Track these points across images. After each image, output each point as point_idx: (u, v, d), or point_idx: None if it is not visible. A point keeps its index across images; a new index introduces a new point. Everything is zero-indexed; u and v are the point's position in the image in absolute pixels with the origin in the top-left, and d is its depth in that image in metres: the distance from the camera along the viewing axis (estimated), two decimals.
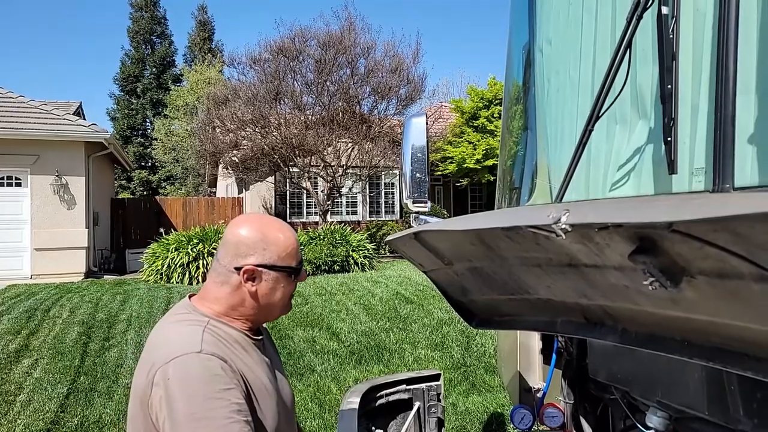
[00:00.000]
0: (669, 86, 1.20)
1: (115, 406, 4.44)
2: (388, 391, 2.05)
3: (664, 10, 1.20)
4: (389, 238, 1.48)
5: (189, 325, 1.22)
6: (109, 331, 6.82)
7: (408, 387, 2.07)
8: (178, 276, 10.67)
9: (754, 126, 1.09)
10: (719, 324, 0.94)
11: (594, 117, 1.29)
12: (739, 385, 1.18)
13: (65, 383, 4.98)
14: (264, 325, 1.48)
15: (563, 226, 0.92)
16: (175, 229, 14.00)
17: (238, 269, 1.23)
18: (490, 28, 63.15)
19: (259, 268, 1.23)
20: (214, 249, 10.96)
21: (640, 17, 1.22)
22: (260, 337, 1.34)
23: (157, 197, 19.92)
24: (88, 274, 12.15)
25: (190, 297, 1.33)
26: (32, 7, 55.14)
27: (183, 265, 10.74)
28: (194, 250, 10.87)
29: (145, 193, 33.29)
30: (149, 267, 11.11)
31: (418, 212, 1.99)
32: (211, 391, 1.10)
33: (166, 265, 10.77)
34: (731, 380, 1.19)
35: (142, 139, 35.32)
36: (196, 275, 10.64)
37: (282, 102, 14.35)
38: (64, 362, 5.58)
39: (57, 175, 11.56)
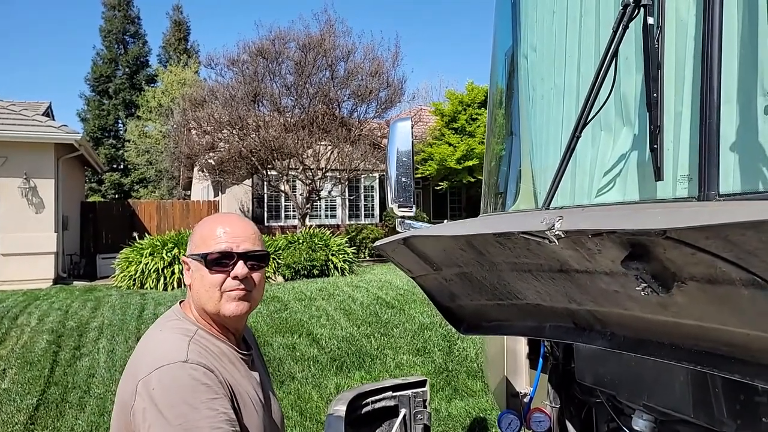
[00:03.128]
0: (654, 95, 1.22)
1: (88, 418, 4.32)
2: (374, 398, 2.03)
3: (650, 20, 1.22)
4: (378, 243, 1.47)
5: (176, 334, 1.20)
6: (79, 340, 6.63)
7: (394, 394, 2.06)
8: (153, 282, 10.45)
9: (737, 135, 1.12)
10: (708, 328, 0.96)
11: (581, 124, 1.31)
12: (723, 388, 1.20)
13: (35, 394, 4.82)
14: (253, 337, 1.47)
15: (556, 233, 0.92)
16: (149, 234, 13.75)
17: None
18: (471, 32, 63.84)
19: (187, 258, 1.28)
20: None
21: (626, 27, 1.24)
22: (249, 353, 1.33)
23: (129, 200, 19.52)
24: (57, 280, 11.81)
25: (181, 303, 1.33)
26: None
27: (157, 270, 10.52)
28: (169, 254, 10.67)
29: (117, 196, 32.58)
30: (122, 273, 10.86)
31: (403, 216, 1.98)
32: (197, 400, 1.08)
33: (139, 271, 10.54)
34: (715, 383, 1.21)
35: (114, 141, 34.58)
36: (171, 281, 10.44)
37: (261, 104, 14.24)
38: (33, 372, 5.41)
39: (25, 178, 11.22)
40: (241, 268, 1.22)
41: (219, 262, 1.21)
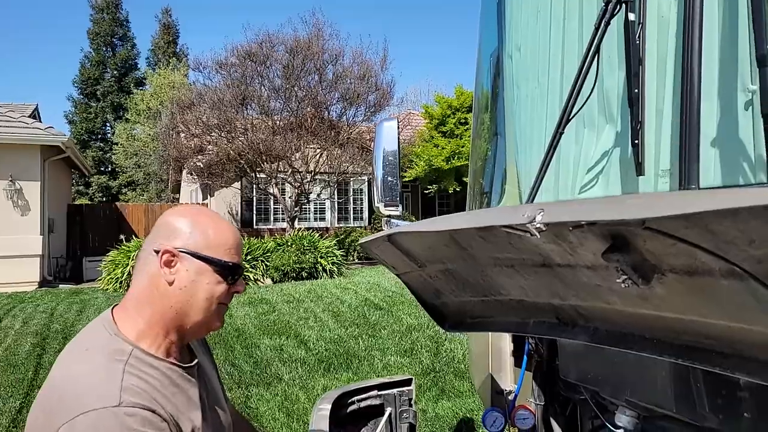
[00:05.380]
0: (636, 90, 1.23)
1: None
2: (359, 397, 2.02)
3: (631, 16, 1.23)
4: (362, 240, 1.46)
5: (106, 359, 0.98)
6: (64, 343, 6.52)
7: (379, 393, 2.05)
8: None
9: (717, 129, 1.13)
10: (688, 321, 0.96)
11: (564, 120, 1.31)
12: (705, 382, 1.21)
13: (18, 397, 4.75)
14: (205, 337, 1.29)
15: (538, 225, 0.92)
16: (137, 236, 13.61)
17: (156, 252, 1.04)
18: (457, 36, 64.18)
19: (181, 252, 1.04)
20: None
21: (608, 23, 1.25)
22: (192, 363, 1.13)
23: (117, 203, 19.34)
24: (43, 283, 11.66)
25: (113, 309, 1.09)
26: None
27: None
28: None
29: (104, 199, 32.27)
30: (108, 275, 10.75)
31: (389, 216, 1.98)
32: None
33: (126, 273, 10.43)
34: (697, 377, 1.22)
35: (101, 144, 34.29)
36: None
37: (249, 107, 14.20)
38: (16, 375, 5.33)
39: (11, 180, 11.08)
40: (242, 285, 1.12)
41: (233, 274, 1.08)
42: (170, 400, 1.01)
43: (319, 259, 11.97)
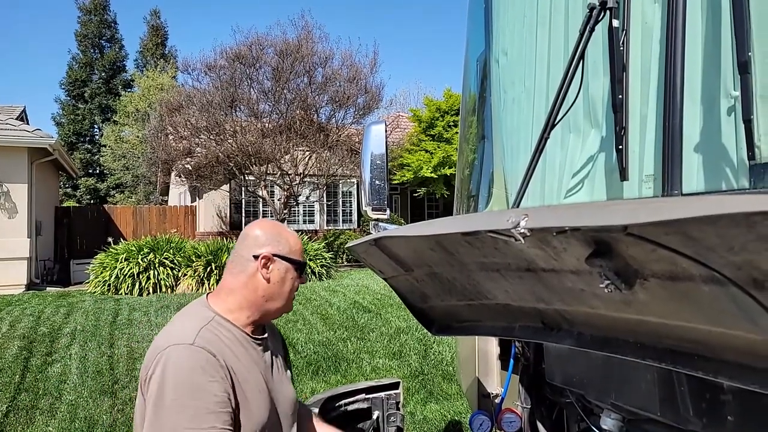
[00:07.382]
0: (620, 96, 1.24)
1: (58, 424, 4.20)
2: (346, 400, 2.01)
3: (615, 22, 1.24)
4: (349, 244, 1.46)
5: (193, 320, 1.35)
6: (51, 346, 6.47)
7: (367, 396, 2.04)
8: (128, 287, 10.25)
9: (700, 135, 1.14)
10: (670, 326, 0.96)
11: (549, 125, 1.32)
12: (688, 386, 1.22)
13: (4, 401, 4.68)
14: (273, 327, 1.62)
15: (522, 231, 0.92)
16: (125, 239, 13.49)
17: (255, 257, 1.40)
18: (446, 39, 64.40)
19: (274, 257, 1.40)
20: (166, 258, 10.60)
21: (592, 29, 1.25)
22: (263, 336, 1.45)
23: (105, 206, 19.15)
24: (30, 286, 11.50)
25: (208, 294, 1.46)
26: None
27: (133, 275, 10.32)
28: (145, 260, 10.48)
29: (92, 201, 31.95)
30: (96, 278, 10.62)
31: (377, 219, 1.98)
32: (194, 381, 1.22)
33: (114, 276, 10.33)
34: (681, 381, 1.23)
35: (89, 146, 33.97)
36: (146, 286, 10.24)
37: (238, 109, 14.12)
38: (3, 379, 5.25)
39: None
40: (305, 277, 1.52)
41: (303, 270, 1.48)
42: (236, 356, 1.32)
43: (308, 262, 11.94)
